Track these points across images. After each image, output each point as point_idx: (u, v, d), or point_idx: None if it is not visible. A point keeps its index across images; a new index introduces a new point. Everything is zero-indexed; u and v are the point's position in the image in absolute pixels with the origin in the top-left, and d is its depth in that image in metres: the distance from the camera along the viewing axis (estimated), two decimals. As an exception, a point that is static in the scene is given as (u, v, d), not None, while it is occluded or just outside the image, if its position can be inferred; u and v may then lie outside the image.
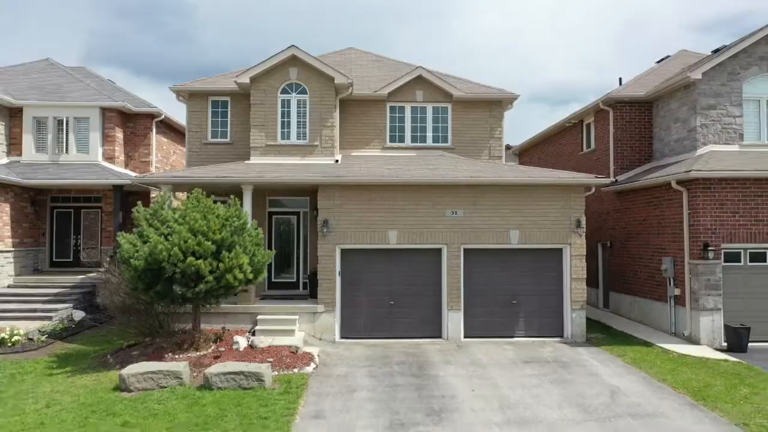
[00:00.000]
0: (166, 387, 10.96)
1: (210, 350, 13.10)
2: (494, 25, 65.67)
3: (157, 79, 70.31)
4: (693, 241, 15.07)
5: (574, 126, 23.25)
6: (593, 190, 16.33)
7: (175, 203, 14.86)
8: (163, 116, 22.97)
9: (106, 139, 21.79)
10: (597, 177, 15.90)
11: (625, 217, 18.88)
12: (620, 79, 23.65)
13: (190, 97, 18.45)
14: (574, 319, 15.62)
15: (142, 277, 12.37)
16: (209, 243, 12.47)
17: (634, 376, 12.13)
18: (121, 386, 10.85)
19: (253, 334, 14.77)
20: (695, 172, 14.68)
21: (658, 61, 23.79)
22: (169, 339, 13.33)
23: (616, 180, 19.04)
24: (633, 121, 19.60)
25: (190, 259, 12.11)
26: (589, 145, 22.08)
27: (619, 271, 19.33)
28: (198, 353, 12.85)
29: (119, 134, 22.11)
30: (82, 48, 63.68)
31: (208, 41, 74.50)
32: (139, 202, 13.65)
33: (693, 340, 14.94)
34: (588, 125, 22.19)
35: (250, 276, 13.12)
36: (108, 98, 21.89)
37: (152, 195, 21.97)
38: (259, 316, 15.16)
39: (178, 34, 73.57)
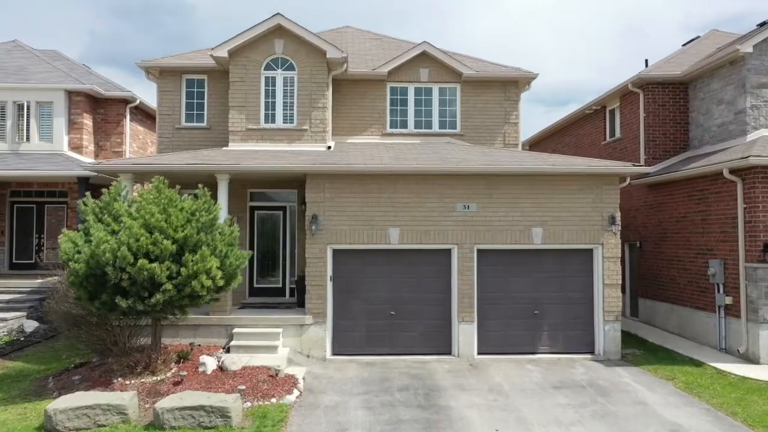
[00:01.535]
0: (105, 426, 8.59)
1: (170, 374, 10.71)
2: (492, 25, 63.24)
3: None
4: (750, 241, 12.71)
5: (596, 113, 20.89)
6: (628, 181, 13.97)
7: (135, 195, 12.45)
8: (138, 102, 20.62)
9: (73, 126, 19.43)
10: (635, 165, 13.55)
11: (659, 214, 16.52)
12: (646, 60, 21.29)
13: (162, 74, 16.07)
14: (607, 332, 13.28)
15: (83, 283, 10.01)
16: (168, 242, 10.11)
17: (694, 408, 9.76)
18: (47, 425, 8.48)
19: (228, 350, 12.42)
20: (754, 158, 12.32)
21: (685, 44, 21.46)
22: (123, 359, 10.95)
23: (648, 173, 16.66)
24: (666, 105, 17.23)
25: (143, 261, 9.74)
26: (613, 134, 19.73)
27: (651, 274, 16.96)
28: (154, 378, 10.46)
29: (88, 121, 19.75)
30: (82, 48, 61.45)
31: (207, 42, 72.20)
32: (88, 194, 11.29)
33: (751, 359, 12.57)
34: (612, 111, 19.84)
35: (221, 283, 10.76)
36: (75, 80, 19.55)
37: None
38: (235, 329, 12.80)
39: (177, 35, 71.32)
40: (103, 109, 20.38)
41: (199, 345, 12.71)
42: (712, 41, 19.82)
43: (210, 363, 10.94)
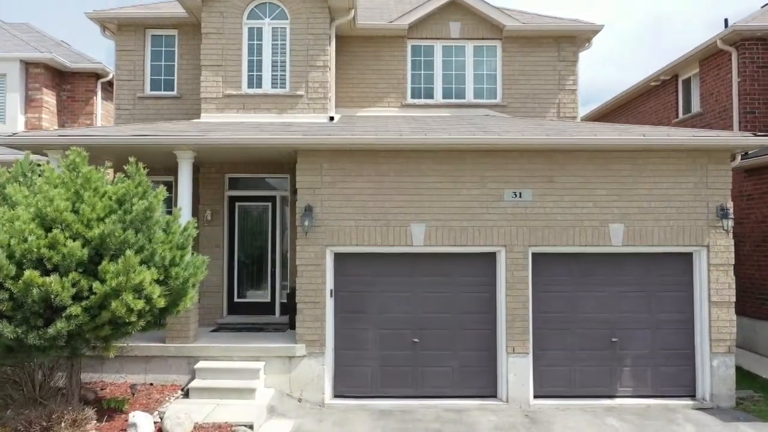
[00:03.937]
0: None
1: (82, 441, 7.22)
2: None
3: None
4: None
5: (663, 85, 17.03)
6: (738, 159, 10.21)
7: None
8: (110, 76, 17.21)
9: (30, 103, 16.14)
10: (757, 135, 9.76)
11: (763, 207, 12.67)
12: (726, 20, 17.40)
13: (121, 29, 12.67)
14: (715, 368, 9.51)
15: (-56, 307, 6.59)
16: (76, 244, 6.65)
17: None
18: None
19: (187, 394, 8.95)
20: None
21: (765, 5, 17.53)
22: (24, 412, 7.50)
23: (747, 153, 12.81)
24: (767, 67, 13.40)
25: (31, 273, 6.30)
26: (689, 109, 15.87)
27: (751, 285, 13.09)
28: (55, 449, 6.99)
29: (49, 98, 16.45)
30: (101, 50, 59.43)
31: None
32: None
33: None
34: (687, 81, 15.99)
35: (161, 303, 7.25)
36: (33, 49, 16.29)
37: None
38: (200, 363, 9.31)
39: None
40: (69, 85, 17.09)
41: (152, 384, 9.32)
42: (807, -6, 15.93)
43: (143, 424, 7.37)
